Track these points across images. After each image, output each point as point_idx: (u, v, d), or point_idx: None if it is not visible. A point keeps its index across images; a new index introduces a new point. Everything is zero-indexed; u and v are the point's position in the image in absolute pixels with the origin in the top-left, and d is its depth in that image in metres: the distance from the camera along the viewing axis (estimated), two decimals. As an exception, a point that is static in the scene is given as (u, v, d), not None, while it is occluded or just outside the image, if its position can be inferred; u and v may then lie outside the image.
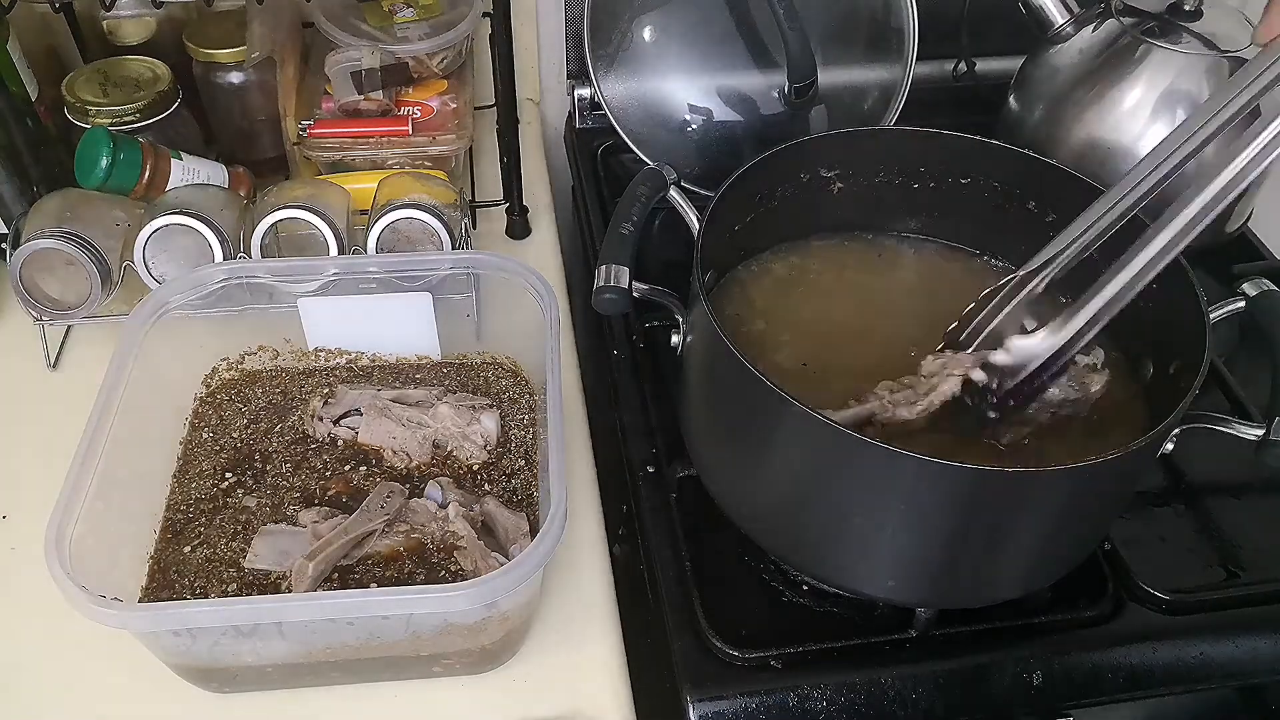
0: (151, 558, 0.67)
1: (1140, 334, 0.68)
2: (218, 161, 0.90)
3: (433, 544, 0.67)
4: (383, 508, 0.67)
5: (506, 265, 0.74)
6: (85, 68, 0.91)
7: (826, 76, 0.95)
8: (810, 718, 0.64)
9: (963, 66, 1.12)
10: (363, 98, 0.91)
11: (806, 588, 0.70)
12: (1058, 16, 0.93)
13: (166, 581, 0.66)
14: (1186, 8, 0.88)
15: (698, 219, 0.69)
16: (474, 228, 0.95)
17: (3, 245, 0.81)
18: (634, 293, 0.65)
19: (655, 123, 0.98)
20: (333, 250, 0.79)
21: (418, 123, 0.93)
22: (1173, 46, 0.87)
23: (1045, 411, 0.65)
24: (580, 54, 1.03)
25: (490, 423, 0.74)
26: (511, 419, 0.76)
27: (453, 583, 0.59)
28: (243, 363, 0.80)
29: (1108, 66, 0.89)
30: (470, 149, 0.99)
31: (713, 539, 0.72)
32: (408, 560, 0.66)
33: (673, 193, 0.72)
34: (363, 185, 0.86)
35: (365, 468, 0.72)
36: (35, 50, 0.92)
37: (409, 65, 0.93)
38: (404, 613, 0.57)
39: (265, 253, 0.80)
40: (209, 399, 0.78)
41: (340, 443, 0.74)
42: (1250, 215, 0.97)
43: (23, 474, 0.76)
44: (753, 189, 0.73)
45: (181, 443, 0.74)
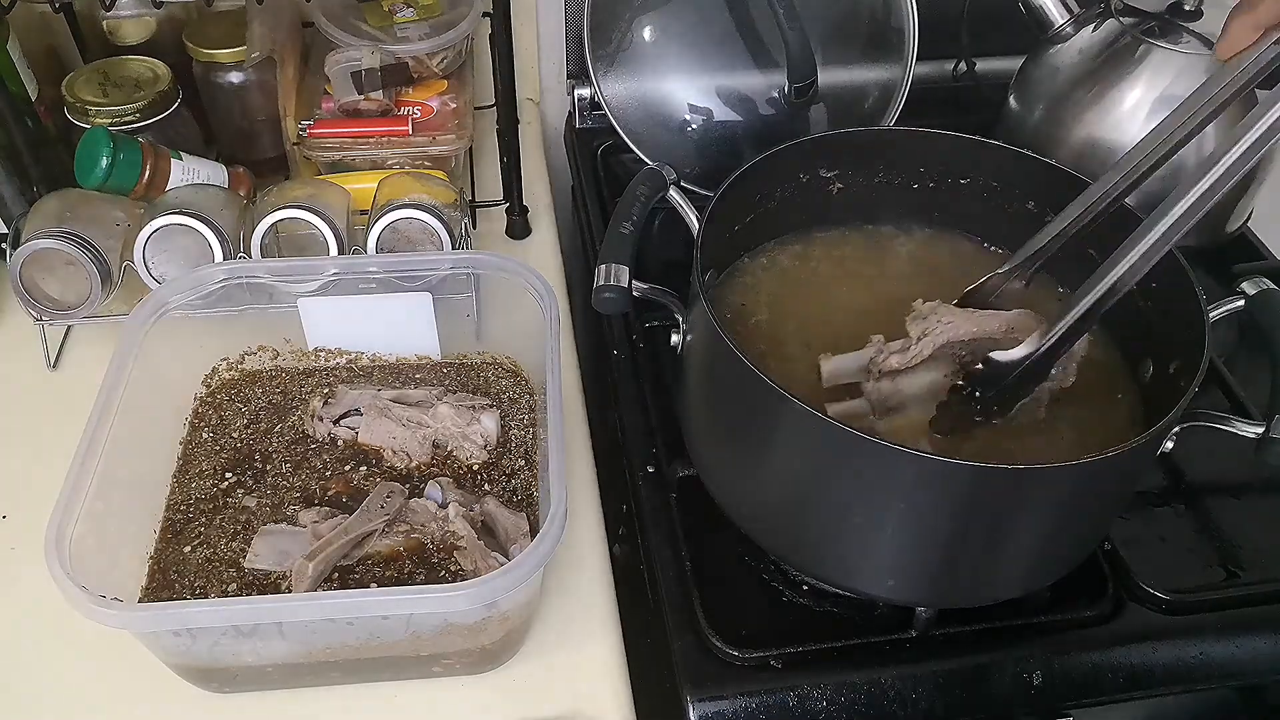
0: (151, 558, 0.67)
1: (1140, 333, 0.68)
2: (218, 161, 0.90)
3: (433, 544, 0.67)
4: (383, 508, 0.67)
5: (506, 265, 0.74)
6: (85, 68, 0.91)
7: (826, 76, 0.95)
8: (810, 718, 0.64)
9: (963, 66, 1.13)
10: (363, 98, 0.91)
11: (806, 588, 0.70)
12: (1058, 16, 0.94)
13: (166, 581, 0.66)
14: (1186, 8, 0.89)
15: (698, 219, 0.69)
16: (474, 228, 0.95)
17: (3, 245, 0.81)
18: (634, 292, 0.65)
19: (655, 123, 0.99)
20: (333, 250, 0.79)
21: (418, 123, 0.93)
22: (1173, 46, 0.87)
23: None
24: (580, 54, 1.03)
25: (490, 423, 0.74)
26: (511, 419, 0.76)
27: (453, 583, 0.59)
28: (243, 363, 0.80)
29: (1108, 66, 0.89)
30: (470, 149, 0.99)
31: (713, 539, 0.72)
32: (408, 560, 0.66)
33: (673, 193, 0.72)
34: (363, 185, 0.86)
35: (365, 468, 0.72)
36: (35, 50, 0.92)
37: (409, 65, 0.93)
38: (404, 613, 0.57)
39: (265, 253, 0.80)
40: (209, 399, 0.78)
41: (340, 443, 0.74)
42: (1250, 215, 0.97)
43: (23, 474, 0.76)
44: (753, 189, 0.73)
45: (181, 443, 0.74)
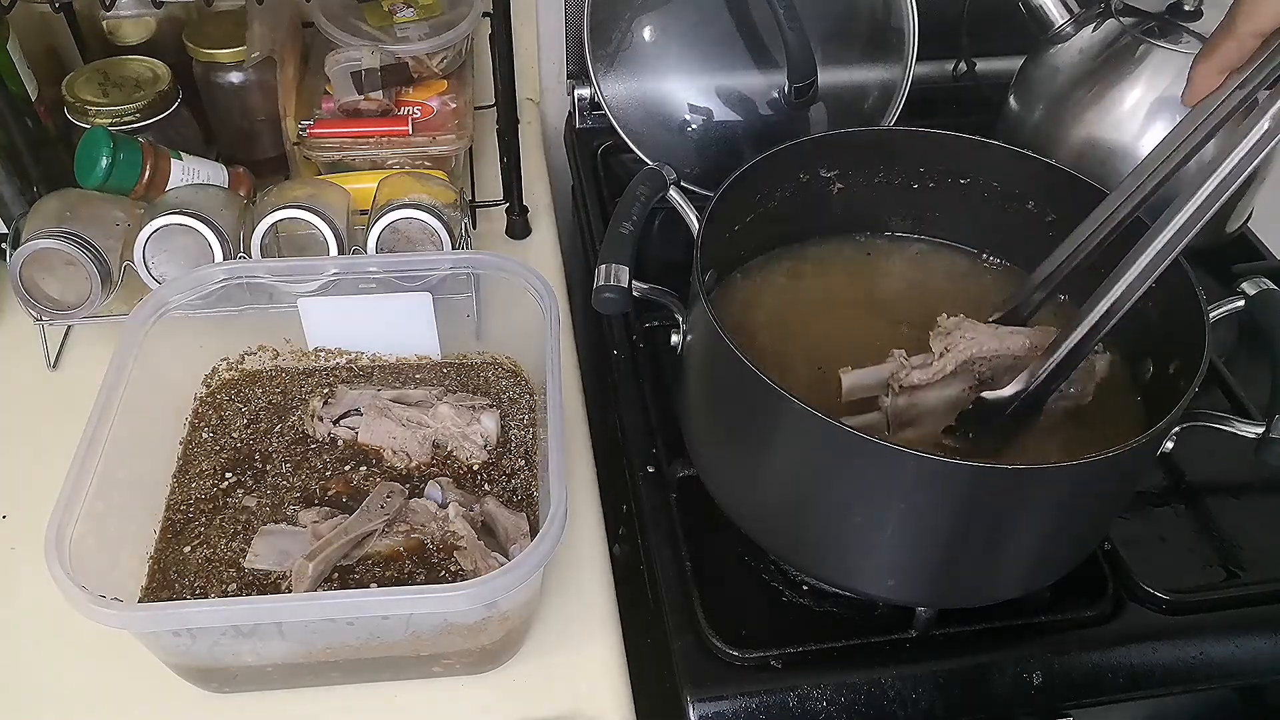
0: (151, 558, 0.67)
1: (1140, 333, 0.68)
2: (218, 161, 0.90)
3: (433, 544, 0.67)
4: (383, 508, 0.67)
5: (506, 265, 0.74)
6: (85, 68, 0.91)
7: (826, 76, 0.95)
8: (810, 718, 0.64)
9: (963, 66, 1.13)
10: (363, 98, 0.91)
11: (806, 588, 0.70)
12: (1058, 16, 0.93)
13: (166, 581, 0.66)
14: (1186, 8, 0.88)
15: (698, 219, 0.69)
16: (474, 228, 0.95)
17: (3, 245, 0.81)
18: (634, 292, 0.65)
19: (655, 123, 0.98)
20: (333, 250, 0.79)
21: (418, 123, 0.93)
22: (1173, 46, 0.86)
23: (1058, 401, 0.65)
24: (580, 54, 1.03)
25: (490, 423, 0.74)
26: (511, 419, 0.76)
27: (453, 583, 0.59)
28: (243, 363, 0.80)
29: (1108, 66, 0.89)
30: (470, 149, 0.99)
31: (713, 539, 0.72)
32: (408, 560, 0.66)
33: (672, 193, 0.72)
34: (363, 185, 0.86)
35: (365, 468, 0.72)
36: (35, 50, 0.92)
37: (409, 65, 0.93)
38: (404, 613, 0.57)
39: (265, 253, 0.80)
40: (209, 399, 0.78)
41: (340, 443, 0.74)
42: (1250, 215, 0.97)
43: (23, 474, 0.76)
44: (753, 189, 0.73)
45: (181, 443, 0.74)
